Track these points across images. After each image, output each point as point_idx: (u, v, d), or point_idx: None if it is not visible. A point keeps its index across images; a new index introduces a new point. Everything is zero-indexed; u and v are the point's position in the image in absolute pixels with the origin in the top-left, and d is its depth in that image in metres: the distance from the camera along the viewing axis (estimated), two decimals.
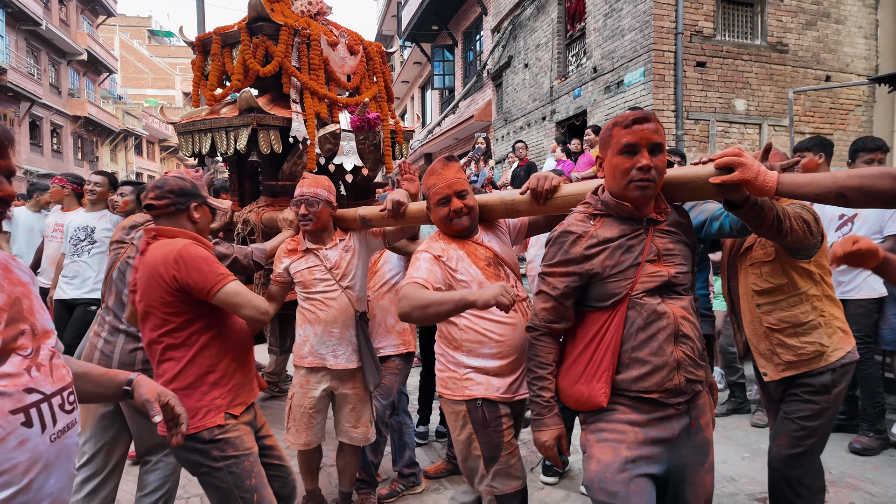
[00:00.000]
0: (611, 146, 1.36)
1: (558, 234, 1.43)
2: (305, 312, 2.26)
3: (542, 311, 1.44)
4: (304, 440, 2.28)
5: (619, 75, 7.50)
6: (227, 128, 2.77)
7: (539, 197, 1.67)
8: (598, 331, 1.39)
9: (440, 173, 1.76)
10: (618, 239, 1.36)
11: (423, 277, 1.61)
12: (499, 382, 1.69)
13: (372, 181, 3.31)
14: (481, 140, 6.65)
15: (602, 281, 1.36)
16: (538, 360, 1.45)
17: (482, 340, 1.69)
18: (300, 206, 2.20)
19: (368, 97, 3.03)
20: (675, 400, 1.35)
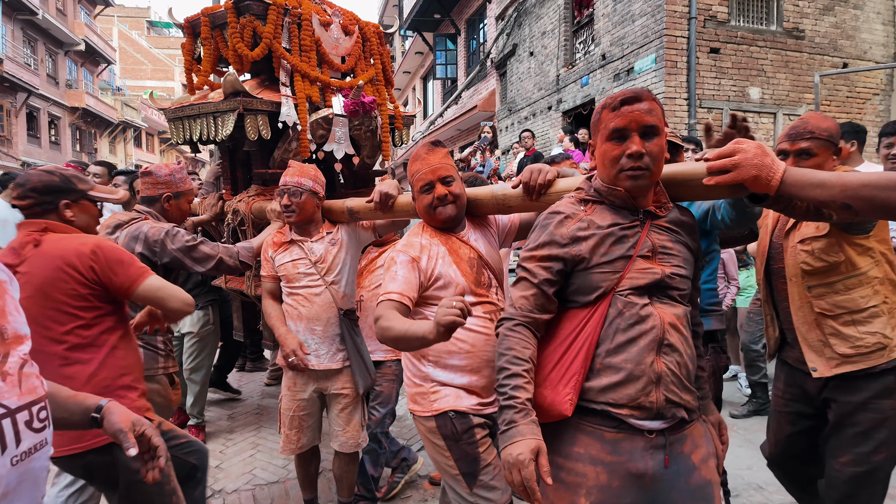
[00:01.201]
0: (599, 132, 1.22)
1: (544, 217, 1.29)
2: (288, 308, 2.17)
3: (521, 299, 1.24)
4: (298, 444, 2.19)
5: (630, 62, 7.25)
6: (214, 113, 2.64)
7: (532, 191, 1.52)
8: (574, 329, 1.22)
9: (424, 158, 1.63)
10: (610, 227, 1.21)
11: (399, 292, 1.50)
12: (469, 397, 1.57)
13: (370, 169, 3.18)
14: (487, 129, 6.42)
15: (587, 270, 1.21)
16: (511, 355, 1.19)
17: (450, 350, 1.55)
18: (283, 196, 2.11)
19: (364, 80, 2.89)
20: (648, 424, 1.16)
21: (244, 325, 3.26)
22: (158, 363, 2.03)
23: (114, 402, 1.14)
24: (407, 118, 3.18)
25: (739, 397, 3.96)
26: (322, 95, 2.81)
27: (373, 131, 2.87)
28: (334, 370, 2.16)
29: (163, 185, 2.22)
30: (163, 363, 2.04)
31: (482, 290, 1.59)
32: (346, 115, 2.73)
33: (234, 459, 3.10)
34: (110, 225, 2.12)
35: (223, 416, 3.75)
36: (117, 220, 2.14)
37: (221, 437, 3.41)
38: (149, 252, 2.05)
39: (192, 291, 3.23)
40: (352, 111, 2.70)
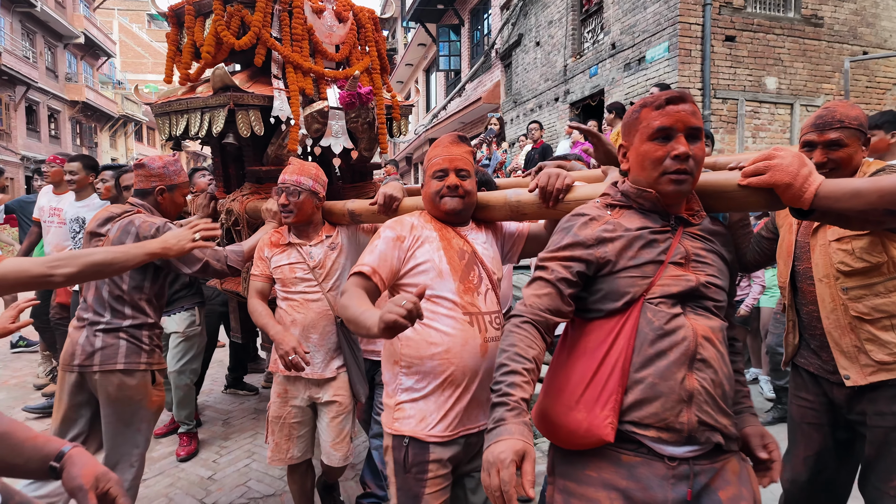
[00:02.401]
0: (638, 131, 1.15)
1: (567, 219, 1.22)
2: (282, 313, 2.07)
3: (534, 297, 1.15)
4: (288, 453, 2.10)
5: (641, 51, 7.00)
6: (203, 108, 2.50)
7: (549, 197, 1.44)
8: (604, 342, 1.12)
9: (446, 146, 1.56)
10: (639, 230, 1.14)
11: (371, 265, 1.41)
12: (436, 417, 1.42)
13: (368, 162, 3.03)
14: (494, 121, 6.17)
15: (614, 274, 1.13)
16: (514, 352, 1.08)
17: (422, 356, 1.43)
18: (281, 194, 2.02)
19: (360, 69, 2.72)
20: (673, 450, 1.05)
21: (242, 326, 3.12)
22: (141, 357, 1.94)
23: (79, 449, 0.98)
24: (405, 108, 3.01)
25: (761, 402, 3.75)
26: (316, 87, 2.66)
27: (370, 123, 2.72)
28: (327, 379, 2.07)
29: (156, 178, 2.13)
30: (146, 358, 1.95)
31: (468, 287, 1.46)
32: (343, 108, 2.60)
33: (228, 470, 2.92)
34: (101, 218, 2.03)
35: (218, 421, 3.57)
36: (109, 212, 2.04)
37: (215, 444, 3.23)
38: None
39: (179, 293, 3.13)
40: (348, 103, 2.57)
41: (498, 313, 1.51)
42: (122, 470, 1.91)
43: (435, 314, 1.42)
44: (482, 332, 1.43)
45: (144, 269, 1.97)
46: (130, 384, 1.91)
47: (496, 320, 1.47)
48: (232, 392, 4.11)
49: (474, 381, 1.43)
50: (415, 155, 18.02)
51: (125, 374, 1.90)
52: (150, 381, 1.96)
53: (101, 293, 1.96)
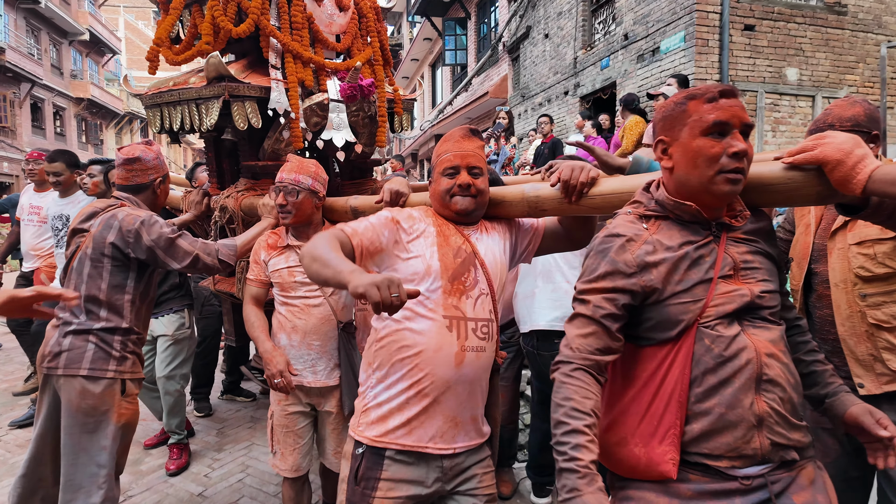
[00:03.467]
0: (687, 125, 1.06)
1: (601, 240, 1.14)
2: (281, 319, 1.99)
3: (579, 338, 1.08)
4: (291, 464, 2.02)
5: (655, 42, 6.73)
6: (196, 100, 2.38)
7: (572, 192, 1.35)
8: (657, 371, 1.07)
9: (458, 141, 1.46)
10: (681, 247, 1.08)
11: (355, 228, 1.33)
12: (397, 422, 1.33)
13: (369, 158, 2.91)
14: (503, 114, 5.94)
15: (661, 303, 1.06)
16: (570, 407, 1.02)
17: (393, 359, 1.33)
18: (279, 194, 1.93)
19: (361, 61, 2.63)
20: (747, 471, 1.01)
21: (236, 329, 2.96)
22: (108, 364, 1.81)
23: None
24: (407, 102, 2.91)
25: None
26: (316, 79, 2.55)
27: (371, 117, 2.61)
28: (331, 387, 2.00)
29: (153, 171, 2.03)
30: (114, 366, 1.82)
31: (456, 288, 1.34)
32: (343, 101, 2.48)
33: (220, 486, 2.73)
34: (85, 213, 1.93)
35: (211, 431, 3.39)
36: (94, 208, 1.93)
37: (208, 456, 3.05)
38: (121, 243, 1.83)
39: (167, 294, 3.00)
40: (349, 96, 2.45)
41: (488, 322, 1.37)
42: (89, 493, 1.73)
43: (413, 313, 1.32)
44: (460, 339, 1.31)
45: (126, 267, 1.86)
46: (94, 392, 1.76)
47: (483, 329, 1.35)
48: (229, 398, 3.93)
49: (446, 392, 1.31)
50: (420, 151, 17.83)
51: (88, 380, 1.76)
52: (119, 391, 1.81)
53: (78, 292, 1.83)
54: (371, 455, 1.33)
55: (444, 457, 1.34)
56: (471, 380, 1.33)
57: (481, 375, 1.37)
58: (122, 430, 1.84)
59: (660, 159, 1.12)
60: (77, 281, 1.85)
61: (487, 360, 1.37)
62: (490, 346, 1.37)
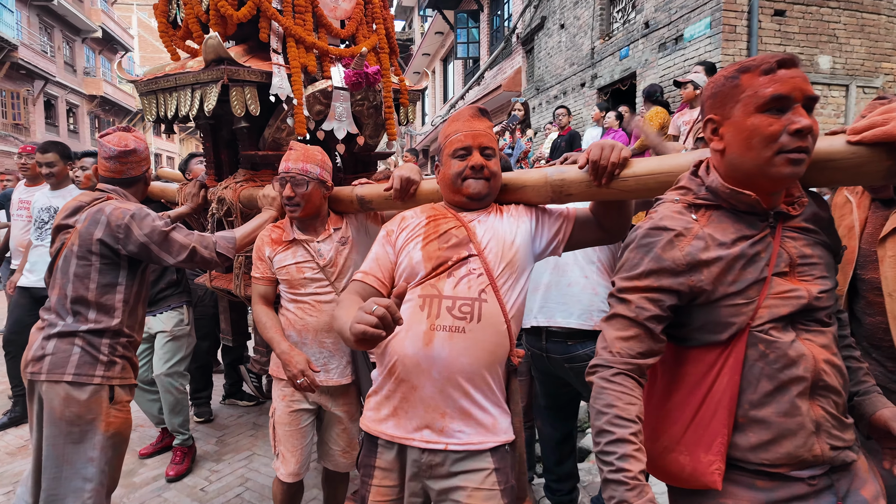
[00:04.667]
0: (740, 101, 0.97)
1: (644, 233, 1.04)
2: (291, 317, 1.90)
3: (619, 341, 1.02)
4: (292, 468, 1.92)
5: (678, 29, 6.42)
6: (194, 85, 2.27)
7: (602, 174, 1.25)
8: (705, 376, 1.02)
9: (467, 121, 1.39)
10: (735, 243, 0.99)
11: (364, 271, 1.37)
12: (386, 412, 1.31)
13: (373, 151, 2.84)
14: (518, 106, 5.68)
15: (712, 304, 1.00)
16: (613, 415, 0.98)
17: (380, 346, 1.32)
18: (285, 185, 1.82)
19: (367, 47, 2.49)
20: (807, 473, 0.98)
21: (233, 328, 2.82)
22: (95, 370, 1.70)
23: None
24: (414, 93, 2.81)
25: None
26: (319, 65, 2.43)
27: (376, 107, 2.53)
28: (343, 386, 1.93)
29: (145, 162, 1.96)
30: (102, 371, 1.71)
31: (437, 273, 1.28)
32: (348, 88, 2.38)
33: (216, 501, 2.54)
34: (70, 208, 1.83)
35: (211, 439, 3.20)
36: (78, 202, 1.83)
37: (206, 468, 2.86)
38: (111, 239, 1.73)
39: (165, 291, 2.92)
40: (354, 83, 2.35)
41: (471, 301, 1.25)
42: None
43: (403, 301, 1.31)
44: (430, 318, 1.24)
45: (117, 265, 1.76)
46: (78, 399, 1.65)
47: (462, 307, 1.24)
48: (231, 403, 3.75)
49: (420, 377, 1.24)
50: (431, 147, 17.61)
51: (73, 386, 1.66)
52: (107, 398, 1.71)
53: (64, 292, 1.73)
54: (367, 442, 1.33)
55: (426, 451, 1.26)
56: (447, 363, 1.22)
57: (468, 361, 1.23)
58: (112, 440, 1.71)
59: (709, 140, 1.02)
60: (63, 280, 1.73)
61: (475, 343, 1.23)
62: (477, 327, 1.23)
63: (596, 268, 1.98)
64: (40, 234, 3.27)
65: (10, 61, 16.41)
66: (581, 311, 1.94)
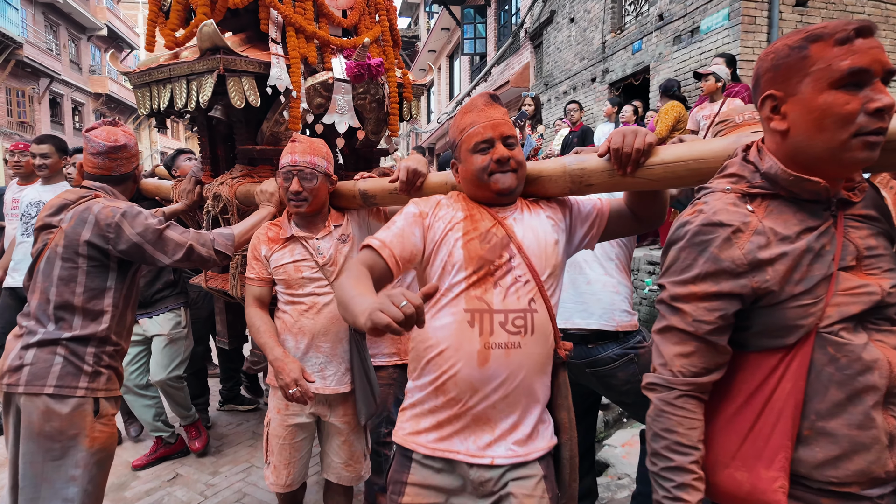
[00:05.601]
0: (810, 76, 0.84)
1: (697, 229, 0.92)
2: (286, 319, 1.81)
3: (679, 358, 0.93)
4: (287, 479, 1.86)
5: (694, 21, 6.21)
6: (189, 75, 2.18)
7: (626, 162, 1.18)
8: (764, 383, 0.91)
9: (483, 110, 1.29)
10: (800, 236, 0.88)
11: (383, 241, 1.22)
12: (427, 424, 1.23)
13: (375, 147, 2.74)
14: (529, 101, 5.48)
15: (777, 306, 0.88)
16: (673, 441, 0.92)
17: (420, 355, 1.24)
18: (291, 179, 1.73)
19: (370, 38, 2.41)
20: (877, 491, 0.87)
21: (229, 330, 2.71)
22: (79, 381, 1.58)
23: None
24: (417, 88, 2.70)
25: None
26: (320, 56, 2.35)
27: (379, 101, 2.43)
28: (341, 394, 1.84)
29: (135, 158, 1.85)
30: (86, 383, 1.59)
31: (482, 278, 1.20)
32: (349, 81, 2.30)
33: None
34: (54, 206, 1.72)
35: (208, 449, 3.04)
36: (63, 199, 1.72)
37: (202, 481, 2.70)
38: (100, 239, 1.62)
39: (162, 292, 2.82)
40: (356, 75, 2.26)
41: (524, 313, 1.18)
42: None
43: (438, 307, 1.21)
44: (483, 336, 1.16)
45: (106, 267, 1.65)
46: (60, 413, 1.53)
47: (516, 321, 1.17)
48: (230, 409, 3.60)
49: (473, 396, 1.17)
50: (437, 145, 17.45)
51: (54, 399, 1.54)
52: (92, 411, 1.59)
53: (47, 297, 1.61)
54: (399, 456, 1.25)
55: (474, 466, 1.19)
56: (505, 381, 1.17)
57: (523, 375, 1.18)
58: (97, 457, 1.58)
59: (768, 120, 0.92)
60: (44, 284, 1.61)
61: (528, 356, 1.19)
62: (531, 340, 1.18)
63: (615, 265, 1.87)
64: (26, 230, 3.14)
65: (15, 59, 16.38)
66: (602, 311, 1.81)
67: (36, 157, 3.08)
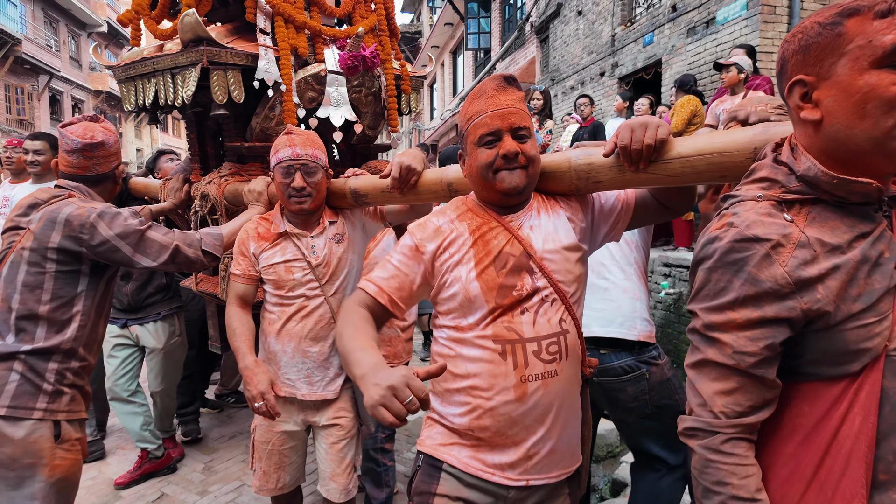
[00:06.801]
0: (847, 55, 0.74)
1: (728, 247, 0.79)
2: (273, 320, 1.73)
3: (721, 396, 0.80)
4: (278, 483, 1.78)
5: (710, 11, 5.96)
6: (172, 69, 2.09)
7: (635, 158, 1.06)
8: (827, 418, 0.77)
9: (492, 97, 1.14)
10: (852, 245, 0.76)
11: (377, 282, 1.15)
12: (460, 444, 1.15)
13: (373, 143, 2.66)
14: (537, 94, 5.25)
15: (834, 328, 0.75)
16: (729, 495, 0.77)
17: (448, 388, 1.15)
18: (293, 174, 1.63)
19: (365, 28, 2.28)
20: None
21: (221, 335, 2.60)
22: (37, 402, 1.43)
23: None
24: (416, 80, 2.60)
25: None
26: (311, 47, 2.25)
27: (375, 94, 2.33)
28: (328, 400, 1.76)
29: (115, 157, 1.73)
30: (45, 403, 1.44)
31: (507, 304, 1.10)
32: (343, 73, 2.20)
33: None
34: (23, 206, 1.62)
35: (197, 465, 2.84)
36: (34, 199, 1.61)
37: (189, 503, 2.50)
38: (72, 242, 1.51)
39: (154, 297, 2.71)
40: (349, 67, 2.16)
41: (557, 336, 1.10)
42: None
43: (461, 341, 1.13)
44: (518, 369, 1.09)
45: (77, 273, 1.52)
46: (13, 437, 1.39)
47: (550, 347, 1.09)
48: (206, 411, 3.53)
49: (514, 427, 1.11)
50: (441, 143, 17.23)
51: (7, 421, 1.39)
52: (51, 435, 1.44)
53: (8, 305, 1.48)
54: (427, 466, 1.18)
55: (511, 488, 1.14)
56: (545, 411, 1.11)
57: (561, 402, 1.12)
58: (57, 486, 1.45)
59: (797, 109, 0.80)
60: (6, 291, 1.48)
61: (566, 381, 1.13)
62: (566, 365, 1.12)
63: (634, 270, 1.75)
64: None
65: (14, 56, 16.23)
66: (623, 319, 1.70)
67: (29, 154, 2.95)
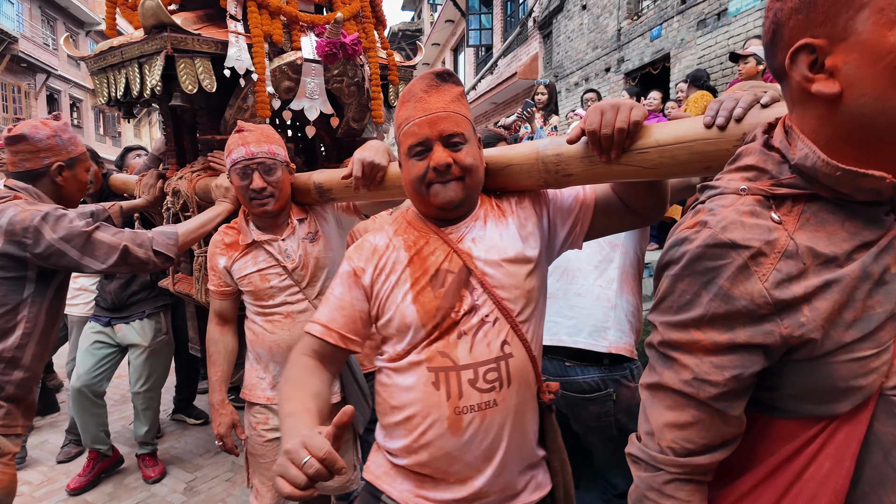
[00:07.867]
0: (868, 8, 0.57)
1: (698, 252, 0.64)
2: (258, 331, 1.67)
3: (670, 429, 0.68)
4: (270, 500, 1.69)
5: (721, 2, 5.75)
6: (139, 58, 1.99)
7: (607, 147, 0.93)
8: (795, 455, 0.65)
9: (421, 99, 1.01)
10: (852, 256, 0.61)
11: (323, 324, 1.06)
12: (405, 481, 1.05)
13: (359, 136, 2.54)
14: (542, 89, 5.03)
15: (821, 359, 0.61)
16: None
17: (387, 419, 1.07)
18: (251, 175, 1.53)
19: (345, 14, 2.17)
20: None
21: (201, 337, 2.51)
22: None
23: None
24: (404, 70, 2.50)
25: None
26: (287, 34, 2.13)
27: (358, 84, 2.21)
28: None
29: (47, 153, 1.62)
30: None
31: (443, 328, 0.99)
32: (321, 61, 2.09)
33: None
34: None
35: (179, 486, 2.64)
36: None
37: None
38: (14, 247, 1.45)
39: (139, 294, 2.66)
40: (327, 54, 2.05)
41: (496, 363, 0.98)
42: None
43: (397, 370, 1.03)
44: (451, 399, 0.97)
45: (22, 279, 1.46)
46: None
47: (489, 374, 0.97)
48: (179, 419, 3.38)
49: (454, 464, 1.00)
50: None
51: None
52: None
53: None
54: (367, 494, 1.11)
55: None
56: (490, 446, 1.00)
57: (507, 433, 1.01)
58: None
59: (805, 83, 0.60)
60: None
61: (510, 412, 1.01)
62: (509, 393, 1.00)
63: (617, 275, 1.58)
64: None
65: (11, 54, 16.06)
66: (592, 329, 1.57)
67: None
